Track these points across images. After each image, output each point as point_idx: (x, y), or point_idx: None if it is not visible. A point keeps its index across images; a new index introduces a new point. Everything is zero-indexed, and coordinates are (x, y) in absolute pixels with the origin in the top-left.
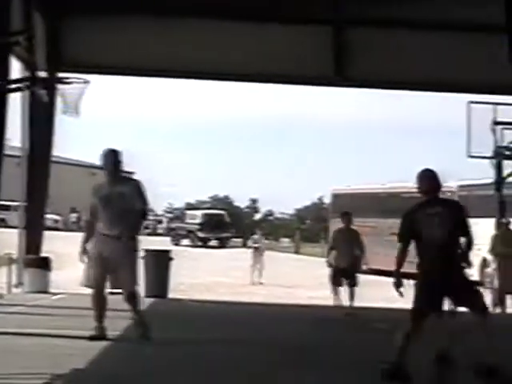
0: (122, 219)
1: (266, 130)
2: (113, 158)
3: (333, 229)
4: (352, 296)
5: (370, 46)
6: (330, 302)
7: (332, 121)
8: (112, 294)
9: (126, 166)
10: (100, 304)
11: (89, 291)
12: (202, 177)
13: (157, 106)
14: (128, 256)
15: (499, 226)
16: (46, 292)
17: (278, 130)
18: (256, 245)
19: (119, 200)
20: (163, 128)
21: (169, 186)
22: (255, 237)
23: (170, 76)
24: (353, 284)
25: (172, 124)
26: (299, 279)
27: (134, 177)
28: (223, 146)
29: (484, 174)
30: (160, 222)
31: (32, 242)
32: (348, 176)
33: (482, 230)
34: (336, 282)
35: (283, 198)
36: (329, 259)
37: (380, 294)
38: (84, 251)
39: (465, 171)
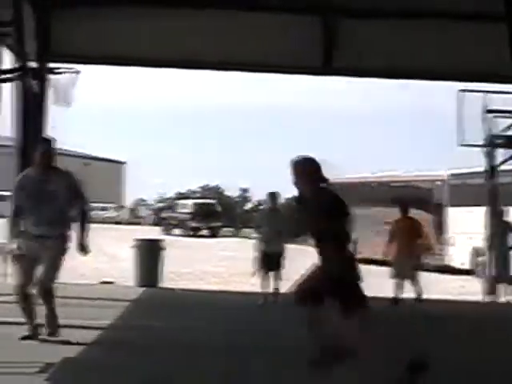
0: (52, 219)
1: (256, 118)
2: (45, 147)
3: None
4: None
5: (357, 36)
6: None
7: (323, 109)
8: (104, 283)
9: (118, 156)
10: (26, 304)
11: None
12: (192, 166)
13: (144, 95)
14: (52, 252)
15: (494, 215)
16: None
17: (269, 118)
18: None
19: (51, 199)
20: (151, 118)
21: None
22: None
23: (158, 65)
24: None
25: (160, 113)
26: (292, 269)
27: (123, 167)
28: (213, 135)
29: (470, 163)
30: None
31: None
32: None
33: (474, 219)
34: (263, 266)
35: (275, 187)
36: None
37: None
38: (11, 250)
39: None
